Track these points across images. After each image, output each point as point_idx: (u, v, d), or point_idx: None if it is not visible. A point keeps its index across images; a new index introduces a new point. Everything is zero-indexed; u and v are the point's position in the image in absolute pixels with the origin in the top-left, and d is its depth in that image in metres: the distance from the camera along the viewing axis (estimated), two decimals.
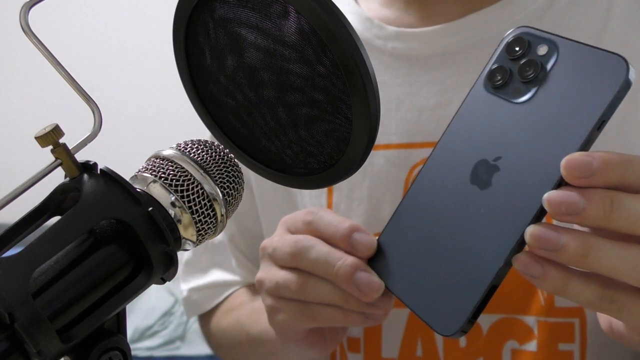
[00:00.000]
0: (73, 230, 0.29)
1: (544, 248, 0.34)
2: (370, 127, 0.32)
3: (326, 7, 0.29)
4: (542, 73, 0.39)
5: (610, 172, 0.33)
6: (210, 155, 0.34)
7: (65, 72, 0.31)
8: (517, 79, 0.40)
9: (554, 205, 0.33)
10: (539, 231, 0.34)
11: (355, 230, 0.44)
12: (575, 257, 0.33)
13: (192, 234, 0.33)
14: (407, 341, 0.57)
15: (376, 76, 0.31)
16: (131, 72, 2.42)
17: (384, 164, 0.58)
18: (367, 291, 0.42)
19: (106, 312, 0.30)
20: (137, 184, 0.33)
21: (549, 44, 0.39)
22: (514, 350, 0.55)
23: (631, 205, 0.33)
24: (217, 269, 0.72)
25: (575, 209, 0.33)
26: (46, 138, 0.30)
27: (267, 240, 0.50)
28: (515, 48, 0.40)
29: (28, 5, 0.31)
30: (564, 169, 0.33)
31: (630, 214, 0.33)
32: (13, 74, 2.44)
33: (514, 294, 0.55)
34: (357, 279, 0.42)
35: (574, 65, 0.38)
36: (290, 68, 0.32)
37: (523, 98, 0.39)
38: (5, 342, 0.27)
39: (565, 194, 0.33)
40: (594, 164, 0.33)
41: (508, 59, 0.41)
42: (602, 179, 0.33)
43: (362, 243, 0.43)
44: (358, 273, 0.42)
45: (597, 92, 0.37)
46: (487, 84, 0.41)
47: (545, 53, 0.39)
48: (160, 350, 2.01)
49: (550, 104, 0.38)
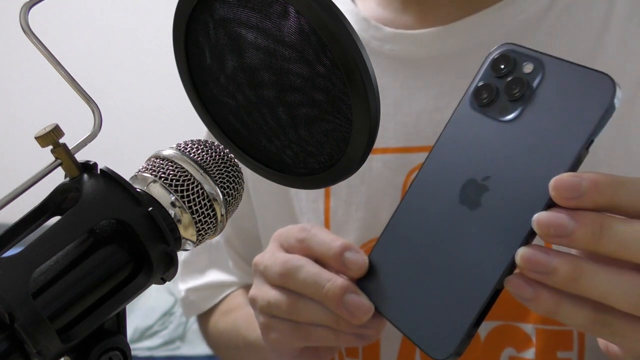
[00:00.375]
0: (73, 230, 0.29)
1: (534, 271, 0.33)
2: (371, 127, 0.32)
3: (326, 7, 0.29)
4: (529, 91, 0.39)
5: (600, 193, 0.33)
6: (210, 155, 0.34)
7: (65, 72, 0.31)
8: (504, 97, 0.40)
9: (542, 227, 0.33)
10: (529, 254, 0.33)
11: (347, 249, 0.43)
12: (566, 280, 0.33)
13: (192, 234, 0.33)
14: (405, 348, 0.57)
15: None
16: (131, 72, 2.43)
17: (382, 168, 0.57)
18: (357, 313, 0.42)
19: (106, 312, 0.30)
20: (137, 184, 0.33)
21: (535, 62, 0.39)
22: (512, 358, 0.54)
23: (621, 229, 0.32)
24: (215, 270, 0.72)
25: (564, 231, 0.32)
26: (46, 138, 0.30)
27: (259, 257, 0.49)
28: (500, 66, 0.40)
29: (28, 5, 0.31)
30: (552, 189, 0.33)
31: (620, 238, 0.32)
32: (13, 74, 2.44)
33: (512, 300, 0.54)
34: (347, 301, 0.42)
35: (561, 84, 0.38)
36: (290, 68, 0.32)
37: (510, 116, 0.39)
38: (5, 342, 0.27)
39: (555, 215, 0.33)
40: (582, 184, 0.33)
41: (494, 76, 0.40)
42: (591, 200, 0.33)
43: (353, 262, 0.43)
44: (347, 295, 0.42)
45: (585, 111, 0.36)
46: (473, 101, 0.41)
47: (531, 71, 0.39)
48: (160, 350, 2.01)
49: (538, 122, 0.38)
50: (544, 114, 0.38)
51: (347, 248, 0.43)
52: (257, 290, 0.49)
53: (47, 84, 1.94)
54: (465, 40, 0.56)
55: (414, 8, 0.60)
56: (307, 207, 0.61)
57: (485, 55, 0.42)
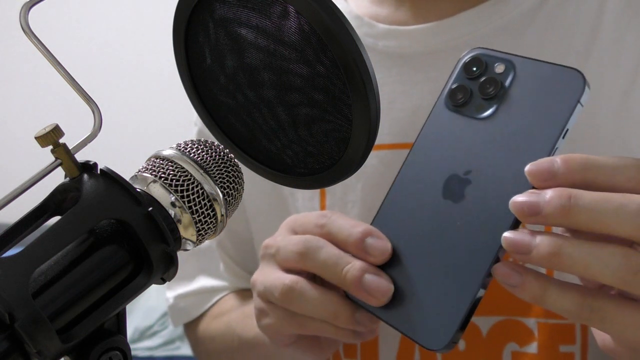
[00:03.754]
0: (73, 230, 0.29)
1: (518, 252, 0.35)
2: (371, 127, 0.32)
3: (326, 7, 0.29)
4: (502, 90, 0.41)
5: (573, 172, 0.34)
6: (210, 155, 0.34)
7: (65, 72, 0.31)
8: (478, 96, 0.42)
9: (517, 209, 0.35)
10: (512, 235, 0.35)
11: (369, 234, 0.42)
12: (548, 256, 0.34)
13: (192, 234, 0.33)
14: (404, 347, 0.56)
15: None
16: (131, 72, 2.43)
17: (377, 165, 0.57)
18: (377, 295, 0.41)
19: (106, 312, 0.30)
20: (137, 184, 0.33)
21: (505, 62, 0.41)
22: (515, 353, 0.54)
23: (589, 199, 0.34)
24: (204, 276, 0.71)
25: (536, 208, 0.34)
26: (46, 138, 0.30)
27: (270, 240, 0.48)
28: (472, 68, 0.42)
29: (28, 5, 0.31)
30: (528, 174, 0.35)
31: (590, 208, 0.33)
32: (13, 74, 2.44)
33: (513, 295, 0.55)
34: (366, 282, 0.41)
35: (532, 80, 0.40)
36: (290, 68, 0.32)
37: (486, 113, 0.41)
38: (5, 342, 0.27)
39: (527, 195, 0.35)
40: (555, 166, 0.35)
41: (467, 78, 0.43)
42: (565, 179, 0.34)
43: (375, 248, 0.41)
44: (367, 276, 0.41)
45: (558, 102, 0.39)
46: (448, 102, 0.43)
47: (502, 71, 0.41)
48: (160, 350, 2.01)
49: (514, 116, 0.40)
50: (518, 109, 0.40)
51: (368, 233, 0.42)
52: (260, 274, 0.48)
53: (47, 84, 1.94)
54: (460, 36, 0.56)
55: (408, 4, 0.60)
56: (303, 206, 0.61)
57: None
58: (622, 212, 0.33)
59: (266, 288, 0.46)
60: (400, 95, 0.57)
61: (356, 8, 0.62)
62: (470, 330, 0.54)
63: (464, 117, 0.42)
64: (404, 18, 0.60)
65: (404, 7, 0.60)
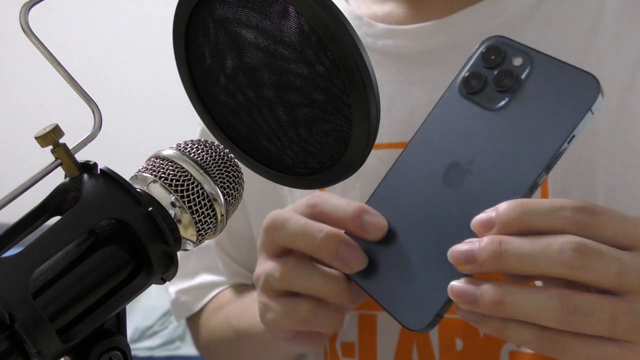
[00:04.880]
0: (73, 230, 0.29)
1: (465, 301, 0.36)
2: (371, 127, 0.32)
3: (326, 7, 0.29)
4: (517, 84, 0.41)
5: (511, 220, 0.36)
6: (210, 155, 0.34)
7: (65, 72, 0.31)
8: (492, 87, 0.42)
9: (455, 259, 0.37)
10: (458, 287, 0.37)
11: (364, 211, 0.43)
12: (493, 305, 0.35)
13: (192, 234, 0.33)
14: (402, 345, 0.56)
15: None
16: (131, 72, 2.43)
17: (376, 164, 0.57)
18: (352, 264, 0.42)
19: (106, 312, 0.30)
20: (137, 184, 0.33)
21: (524, 56, 0.41)
22: (512, 353, 0.54)
23: (517, 244, 0.35)
24: (205, 273, 0.71)
25: (471, 256, 0.36)
26: (46, 138, 0.30)
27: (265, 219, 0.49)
28: (491, 56, 0.42)
29: (28, 5, 0.31)
30: (473, 227, 0.37)
31: (517, 252, 0.35)
32: (13, 74, 2.44)
33: None
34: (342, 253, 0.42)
35: (548, 79, 0.40)
36: (290, 68, 0.32)
37: (497, 106, 0.41)
38: (5, 342, 0.27)
39: (464, 246, 0.37)
40: (494, 215, 0.37)
41: (484, 66, 0.43)
42: (505, 228, 0.37)
43: (372, 224, 0.42)
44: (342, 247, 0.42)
45: (569, 106, 0.39)
46: (461, 88, 0.43)
47: (520, 64, 0.41)
48: (160, 350, 2.01)
49: (524, 114, 0.40)
50: (530, 106, 0.40)
51: (364, 211, 0.43)
52: (259, 268, 0.49)
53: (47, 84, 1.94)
54: (459, 34, 0.56)
55: (407, 3, 0.60)
56: None
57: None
58: (547, 252, 0.35)
59: (266, 276, 0.47)
60: (400, 95, 0.57)
61: (356, 8, 0.62)
62: (467, 330, 0.54)
63: (474, 105, 0.42)
64: (403, 17, 0.60)
65: (402, 6, 0.60)
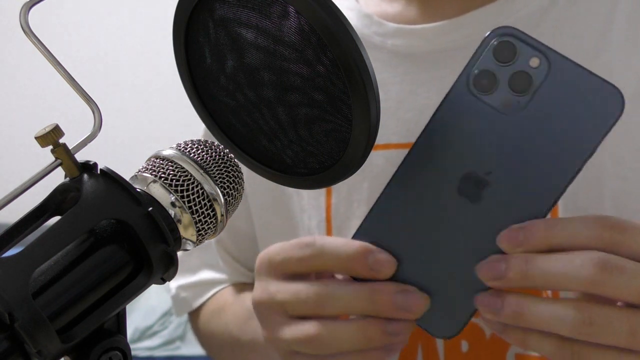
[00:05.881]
0: (73, 230, 0.29)
1: (489, 312, 0.38)
2: (370, 127, 0.32)
3: (326, 7, 0.29)
4: (533, 87, 0.38)
5: (537, 239, 0.37)
6: (210, 155, 0.34)
7: (65, 72, 0.31)
8: (506, 88, 0.39)
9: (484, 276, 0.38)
10: (482, 298, 0.38)
11: (367, 251, 0.40)
12: (514, 315, 0.37)
13: (192, 234, 0.33)
14: (407, 347, 0.56)
15: (375, 74, 0.31)
16: (131, 72, 2.43)
17: (384, 165, 0.57)
18: (413, 308, 0.40)
19: (106, 312, 0.30)
20: (137, 184, 0.33)
21: (541, 57, 0.38)
22: (518, 355, 0.54)
23: (541, 262, 0.37)
24: (207, 269, 0.71)
25: (499, 274, 0.38)
26: (46, 138, 0.30)
27: (260, 295, 0.45)
28: (504, 53, 0.39)
29: (28, 5, 0.31)
30: (500, 243, 0.38)
31: (542, 271, 0.37)
32: (13, 74, 2.44)
33: None
34: (398, 301, 0.40)
35: (568, 86, 0.38)
36: (290, 68, 0.32)
37: (512, 109, 0.39)
38: (5, 342, 0.27)
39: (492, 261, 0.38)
40: (520, 236, 0.38)
41: (496, 63, 0.39)
42: (531, 246, 0.38)
43: (381, 264, 0.40)
44: (397, 294, 0.40)
45: (593, 121, 0.37)
46: (471, 85, 0.40)
47: (537, 66, 0.38)
48: (160, 350, 2.01)
49: (543, 122, 0.38)
50: (548, 115, 0.38)
51: (367, 251, 0.40)
52: (269, 332, 0.44)
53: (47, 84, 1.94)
54: (469, 35, 0.56)
55: (417, 3, 0.60)
56: (309, 204, 0.61)
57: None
58: (569, 270, 0.36)
59: (290, 343, 0.43)
60: (408, 95, 0.57)
61: (366, 7, 0.62)
62: (473, 332, 0.54)
63: (486, 106, 0.39)
64: (413, 16, 0.59)
65: (413, 5, 0.60)
